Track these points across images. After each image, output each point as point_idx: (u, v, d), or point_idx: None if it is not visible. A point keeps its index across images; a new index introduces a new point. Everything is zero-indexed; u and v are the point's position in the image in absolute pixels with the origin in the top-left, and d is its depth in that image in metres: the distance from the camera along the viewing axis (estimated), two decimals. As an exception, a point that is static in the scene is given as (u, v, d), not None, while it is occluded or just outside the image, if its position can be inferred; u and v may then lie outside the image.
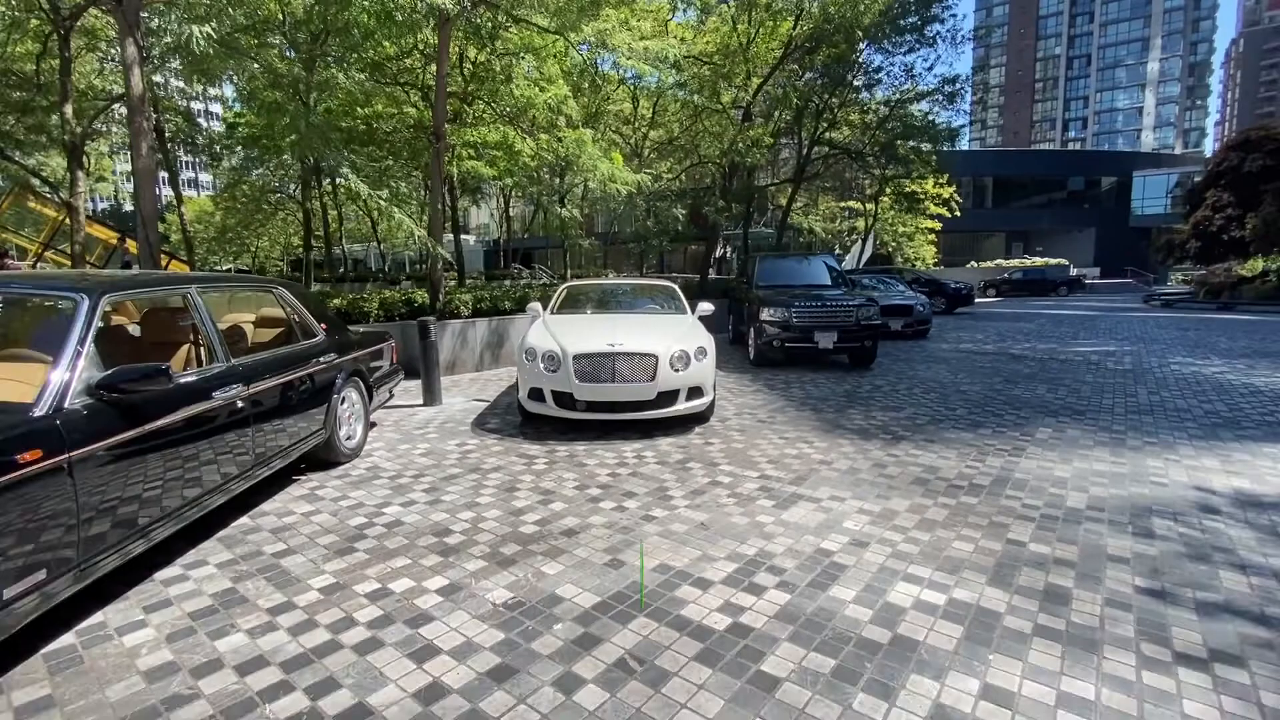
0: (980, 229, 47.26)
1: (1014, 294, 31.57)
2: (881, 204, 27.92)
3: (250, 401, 3.38)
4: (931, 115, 18.54)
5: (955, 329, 14.94)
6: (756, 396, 7.06)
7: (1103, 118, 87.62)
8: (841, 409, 6.40)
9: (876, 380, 8.08)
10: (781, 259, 11.31)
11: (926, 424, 5.79)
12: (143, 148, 7.10)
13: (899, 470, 4.45)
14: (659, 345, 5.26)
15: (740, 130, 13.69)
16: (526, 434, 5.45)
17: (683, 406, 5.33)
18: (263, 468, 3.60)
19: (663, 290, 7.23)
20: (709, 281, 15.85)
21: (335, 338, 4.58)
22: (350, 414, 4.77)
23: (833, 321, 8.67)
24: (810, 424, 5.79)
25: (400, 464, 4.67)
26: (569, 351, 5.20)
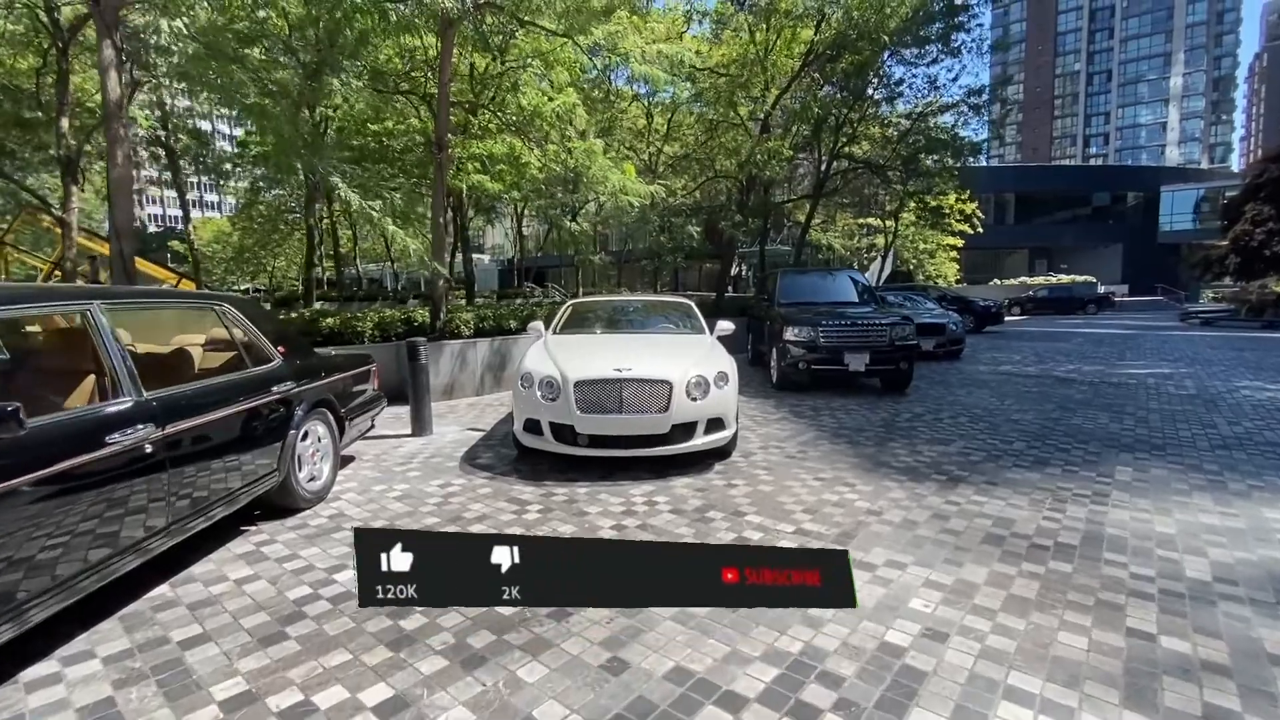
0: (1002, 246, 46.22)
1: (1039, 312, 30.47)
2: (902, 220, 27.22)
3: (166, 445, 2.73)
4: (956, 127, 17.86)
5: (989, 349, 14.06)
6: (783, 426, 6.31)
7: (1125, 133, 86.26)
8: (881, 442, 5.63)
9: (914, 407, 7.29)
10: (804, 274, 10.60)
11: (983, 461, 4.99)
12: (118, 156, 6.62)
13: (964, 523, 3.67)
14: (673, 370, 4.56)
15: (758, 142, 13.07)
16: (521, 472, 4.75)
17: (701, 441, 4.61)
18: (196, 519, 2.94)
19: (678, 308, 6.54)
20: (725, 299, 15.15)
21: (296, 363, 3.94)
22: (315, 451, 4.11)
23: (864, 342, 7.91)
24: (848, 461, 5.02)
25: (370, 510, 3.99)
26: (569, 377, 4.52)
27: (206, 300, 3.53)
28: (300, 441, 3.93)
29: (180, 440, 2.83)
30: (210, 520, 3.09)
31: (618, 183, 9.30)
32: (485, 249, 54.68)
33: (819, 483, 4.44)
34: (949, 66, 19.20)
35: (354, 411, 4.64)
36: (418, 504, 4.08)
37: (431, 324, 8.74)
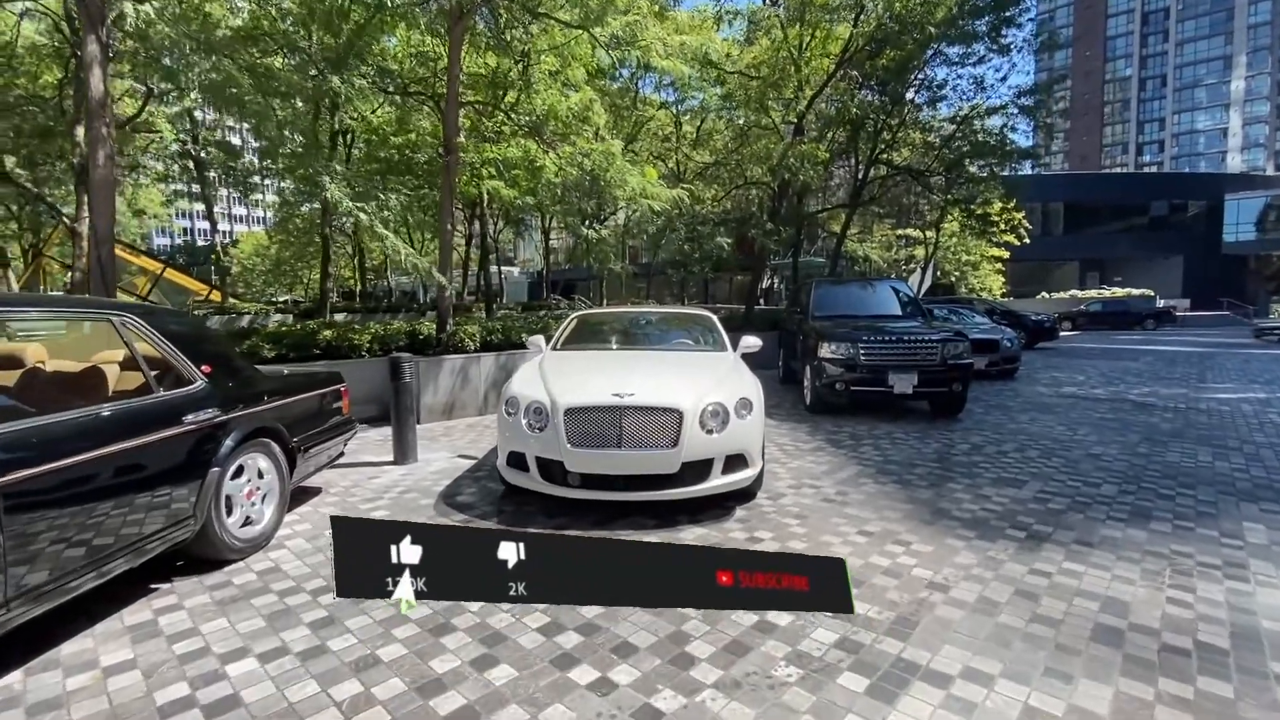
0: (1050, 258, 44.07)
1: (1092, 327, 28.58)
2: (944, 230, 25.92)
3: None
4: (1006, 128, 16.69)
5: (1045, 367, 12.85)
6: (818, 458, 5.44)
7: (1182, 140, 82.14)
8: (937, 482, 4.71)
9: (971, 436, 6.33)
10: (841, 285, 9.71)
11: (1068, 512, 4.05)
12: (100, 156, 6.19)
13: (1061, 606, 2.78)
14: (685, 396, 3.77)
15: (790, 145, 12.25)
16: (503, 514, 4.01)
17: (718, 483, 3.80)
18: (51, 592, 2.28)
19: (697, 321, 5.75)
20: (755, 312, 14.28)
21: (228, 385, 3.29)
22: (253, 491, 3.44)
23: (911, 360, 6.98)
24: (899, 507, 4.14)
25: (312, 564, 3.29)
26: (559, 403, 3.77)
27: (99, 310, 2.89)
28: (229, 480, 3.26)
29: (27, 492, 2.17)
30: (80, 586, 2.42)
31: (637, 186, 8.60)
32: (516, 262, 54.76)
33: (864, 539, 3.58)
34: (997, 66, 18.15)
35: (312, 440, 3.97)
36: (370, 557, 3.36)
37: (437, 336, 8.15)
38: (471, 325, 8.37)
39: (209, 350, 3.29)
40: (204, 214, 25.00)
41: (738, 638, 2.53)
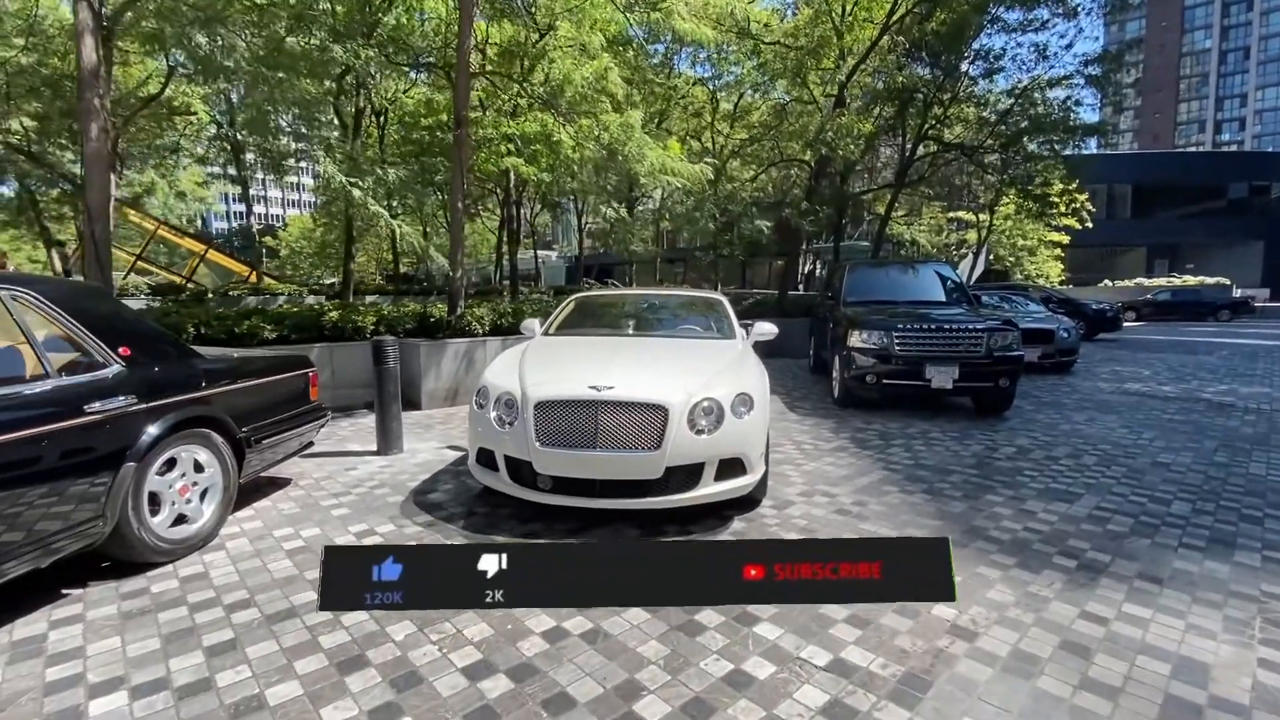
0: (1115, 243, 41.36)
1: (1159, 318, 26.57)
2: (998, 212, 24.38)
3: None
4: (1069, 101, 15.32)
5: (1106, 360, 11.79)
6: (839, 460, 4.86)
7: (1265, 117, 75.83)
8: (974, 492, 4.10)
9: (1018, 437, 5.63)
10: (878, 267, 8.98)
11: (1130, 535, 3.41)
12: (93, 130, 6.02)
13: (1122, 669, 2.20)
14: (672, 390, 3.27)
15: (830, 117, 11.42)
16: (471, 519, 3.60)
17: (709, 491, 3.29)
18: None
19: (705, 306, 5.20)
20: (789, 298, 13.56)
21: (153, 370, 2.95)
22: (187, 487, 3.11)
23: (952, 352, 6.28)
24: (925, 522, 3.56)
25: (245, 570, 2.95)
26: (529, 395, 3.32)
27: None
28: (155, 475, 2.94)
29: None
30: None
31: (657, 160, 8.05)
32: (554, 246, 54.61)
33: (878, 563, 3.03)
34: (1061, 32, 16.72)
35: (269, 430, 3.64)
36: (307, 567, 2.99)
37: (446, 320, 7.83)
38: (481, 308, 8.02)
39: (129, 330, 2.95)
40: (239, 196, 25.48)
41: (701, 694, 2.05)
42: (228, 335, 6.55)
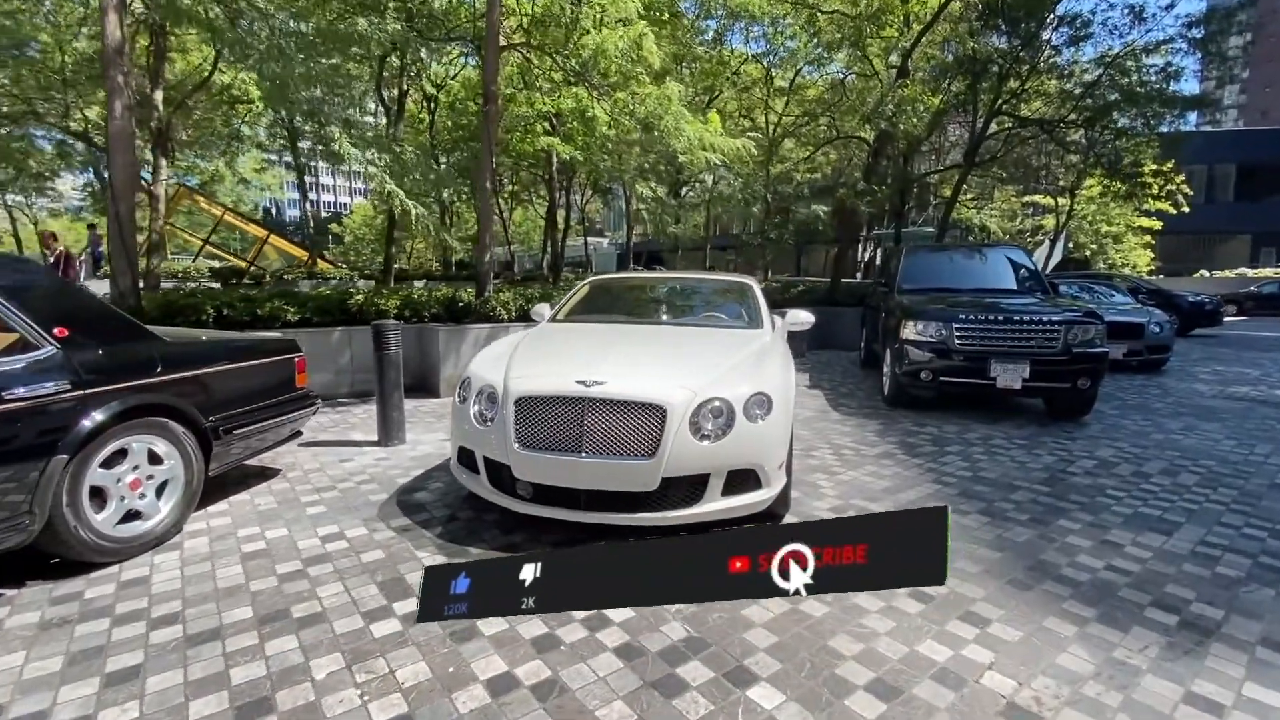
0: (1214, 230, 37.60)
1: (1263, 312, 23.90)
2: (1080, 195, 22.39)
3: None
4: (1168, 69, 13.69)
5: (1204, 358, 10.47)
6: (881, 469, 4.25)
7: (1402, 89, 67.47)
8: (1043, 516, 3.44)
9: (1099, 447, 4.85)
10: (940, 252, 8.13)
11: (1247, 582, 2.71)
12: (118, 108, 5.94)
13: (1253, 791, 1.59)
14: (674, 387, 2.79)
15: (890, 88, 10.48)
16: (451, 526, 3.22)
17: (715, 508, 2.80)
18: None
19: (731, 291, 4.64)
20: (843, 286, 12.70)
21: (95, 352, 2.68)
22: (139, 480, 2.86)
23: (1022, 346, 5.51)
24: (981, 555, 2.95)
25: (189, 576, 2.66)
26: (511, 389, 2.91)
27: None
28: (99, 468, 2.68)
29: None
30: None
31: (694, 135, 7.48)
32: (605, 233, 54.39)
33: (916, 605, 2.46)
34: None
35: (243, 419, 3.37)
36: (262, 574, 2.68)
37: (473, 305, 7.56)
38: (507, 293, 7.70)
39: (69, 310, 2.69)
40: (297, 184, 26.25)
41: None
42: (250, 317, 6.45)
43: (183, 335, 3.37)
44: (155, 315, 6.00)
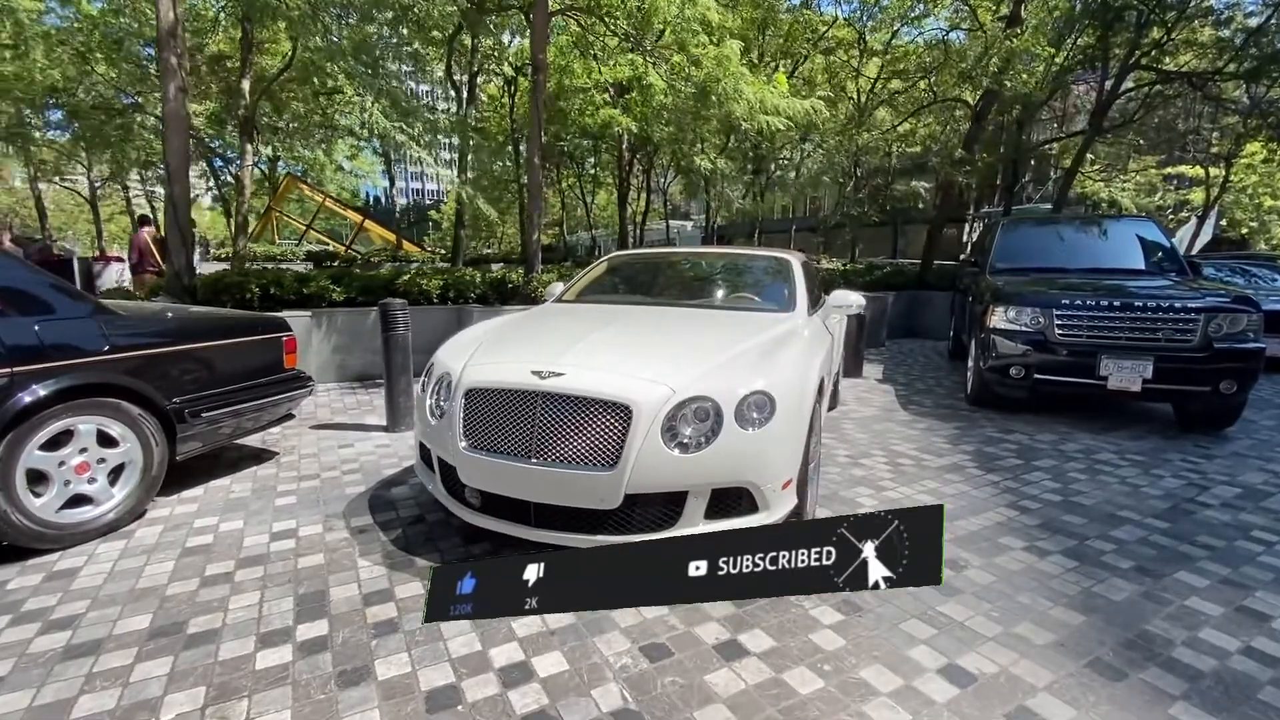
0: None
1: None
2: (1238, 163, 19.10)
3: None
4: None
5: (1403, 359, 8.43)
6: (945, 485, 3.49)
7: None
8: (1155, 565, 2.60)
9: (1245, 471, 3.79)
10: (1045, 225, 6.91)
11: None
12: (171, 90, 6.07)
13: None
14: (647, 381, 2.25)
15: (997, 39, 9.11)
16: (415, 528, 2.86)
17: (695, 533, 2.24)
18: None
19: (768, 269, 3.93)
20: (933, 268, 11.41)
21: (31, 328, 2.51)
22: (90, 464, 2.70)
23: (1145, 339, 4.46)
24: (1056, 620, 2.21)
25: (118, 571, 2.46)
26: (462, 379, 2.49)
27: None
28: (40, 450, 2.53)
29: None
30: None
31: (753, 97, 6.74)
32: (691, 216, 53.47)
33: (950, 694, 1.81)
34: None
35: (214, 402, 3.17)
36: (181, 576, 2.44)
37: (517, 286, 7.30)
38: (549, 274, 7.36)
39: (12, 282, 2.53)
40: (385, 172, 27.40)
41: None
42: (296, 296, 6.49)
43: (147, 311, 3.22)
44: (204, 294, 6.16)
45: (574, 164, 22.35)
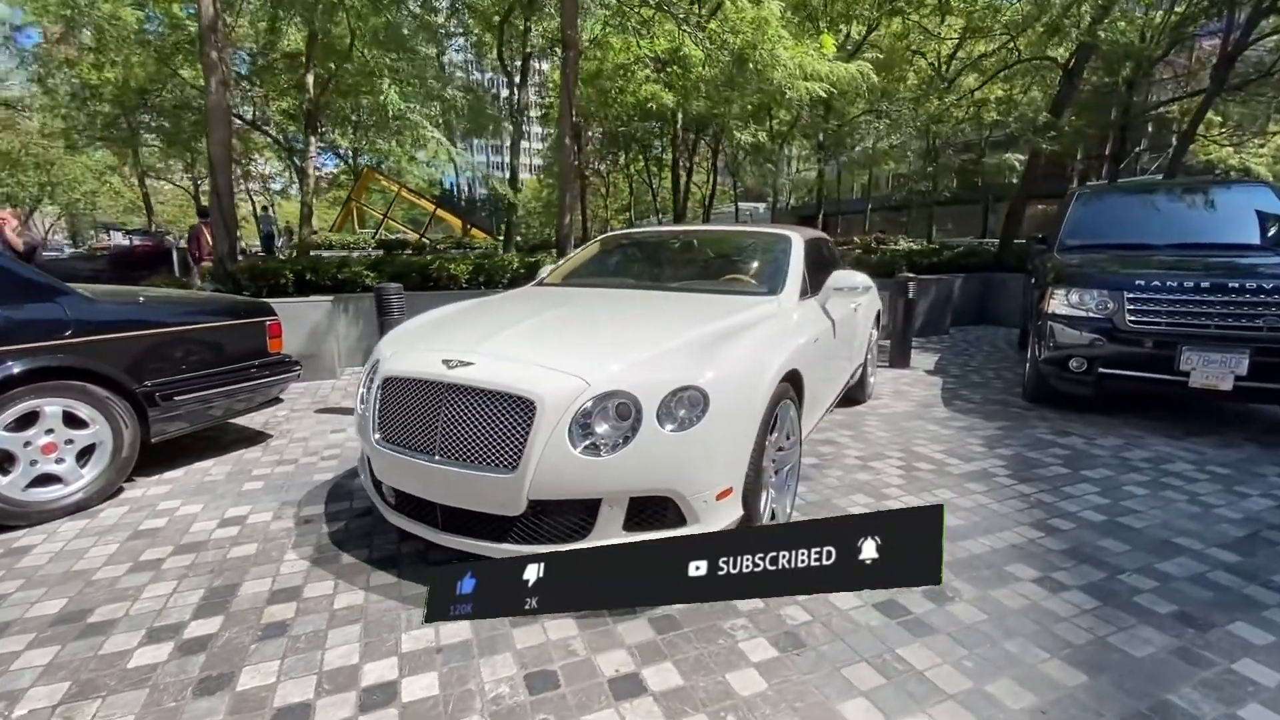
0: None
1: None
2: None
3: None
4: None
5: None
6: (963, 497, 3.02)
7: None
8: (1203, 610, 2.08)
9: (1366, 491, 3.06)
10: (1130, 194, 5.98)
11: None
12: (213, 83, 6.31)
13: None
14: (558, 372, 2.00)
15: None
16: (359, 521, 2.76)
17: (614, 545, 1.98)
18: None
19: (762, 249, 3.50)
20: (1012, 248, 10.33)
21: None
22: (57, 444, 2.77)
23: (1240, 327, 3.72)
24: (1050, 675, 1.79)
25: (62, 553, 2.49)
26: (381, 368, 2.33)
27: None
28: (4, 431, 2.61)
29: None
30: None
31: (791, 62, 6.23)
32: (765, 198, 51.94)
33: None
34: None
35: (189, 385, 3.20)
36: (116, 561, 2.44)
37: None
38: (579, 256, 7.16)
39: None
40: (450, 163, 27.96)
41: None
42: (331, 281, 6.66)
43: (121, 294, 3.27)
44: (244, 279, 6.41)
45: (641, 147, 22.00)
